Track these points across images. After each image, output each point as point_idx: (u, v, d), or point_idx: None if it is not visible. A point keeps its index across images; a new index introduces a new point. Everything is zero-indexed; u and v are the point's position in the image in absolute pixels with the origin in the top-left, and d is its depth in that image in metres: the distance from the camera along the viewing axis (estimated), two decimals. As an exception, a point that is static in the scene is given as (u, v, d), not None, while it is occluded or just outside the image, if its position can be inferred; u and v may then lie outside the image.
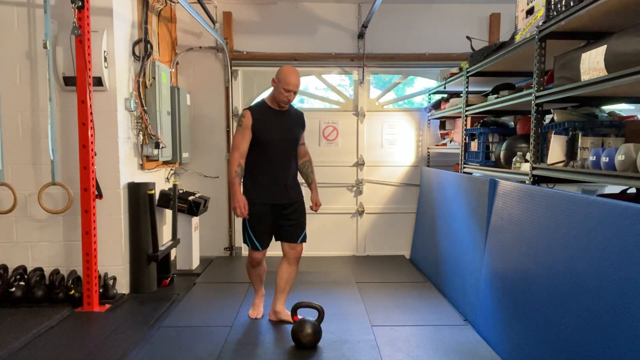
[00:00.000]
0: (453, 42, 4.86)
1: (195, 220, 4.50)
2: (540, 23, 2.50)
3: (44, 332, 2.96)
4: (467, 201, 3.45)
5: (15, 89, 3.53)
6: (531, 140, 2.65)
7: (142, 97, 3.86)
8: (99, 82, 3.45)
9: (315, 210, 3.21)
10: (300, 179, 3.17)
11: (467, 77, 3.75)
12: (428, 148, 5.13)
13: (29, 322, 3.03)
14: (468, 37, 4.09)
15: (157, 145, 3.97)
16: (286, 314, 3.11)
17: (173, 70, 4.73)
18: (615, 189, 2.75)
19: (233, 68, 4.95)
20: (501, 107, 3.24)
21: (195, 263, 4.56)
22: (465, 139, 3.87)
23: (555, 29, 2.39)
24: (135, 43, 3.85)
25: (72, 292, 3.40)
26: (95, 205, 3.37)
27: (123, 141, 3.68)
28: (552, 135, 2.54)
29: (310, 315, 2.92)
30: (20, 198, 3.49)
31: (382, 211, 5.19)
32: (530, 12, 2.67)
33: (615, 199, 1.86)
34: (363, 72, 5.00)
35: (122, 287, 3.69)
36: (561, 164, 2.45)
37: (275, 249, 3.28)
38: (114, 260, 3.65)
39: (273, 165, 2.98)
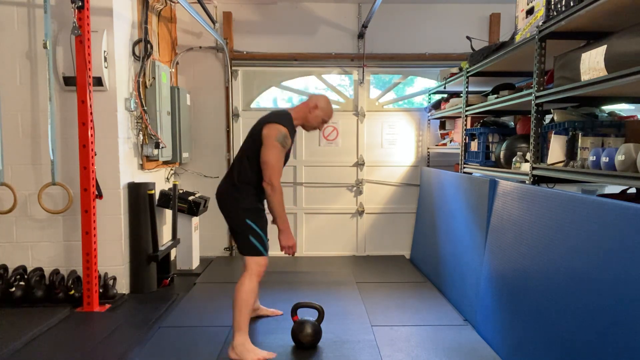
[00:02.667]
0: (453, 42, 4.87)
1: (195, 220, 4.50)
2: (540, 23, 2.50)
3: (44, 332, 2.96)
4: (467, 201, 3.45)
5: (15, 89, 3.53)
6: (531, 140, 2.65)
7: (142, 97, 3.86)
8: (99, 82, 3.45)
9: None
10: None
11: (467, 77, 3.75)
12: (428, 148, 5.13)
13: (29, 322, 3.03)
14: (468, 37, 4.10)
15: (157, 145, 3.97)
16: (266, 309, 3.27)
17: (173, 70, 4.73)
18: (615, 189, 2.75)
19: (233, 68, 4.95)
20: (501, 107, 3.24)
21: (195, 263, 4.56)
22: (465, 139, 3.87)
23: (555, 29, 2.39)
24: (135, 43, 3.85)
25: (72, 292, 3.40)
26: (95, 205, 3.37)
27: (123, 141, 3.68)
28: (552, 135, 2.54)
29: (310, 315, 2.92)
30: (20, 198, 3.49)
31: (382, 211, 5.19)
32: (530, 12, 2.67)
33: (615, 199, 1.86)
34: (363, 72, 5.00)
35: (122, 287, 3.69)
36: (561, 164, 2.45)
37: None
38: (114, 260, 3.65)
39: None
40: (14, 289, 3.35)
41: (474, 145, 3.71)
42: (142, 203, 3.76)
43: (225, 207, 2.72)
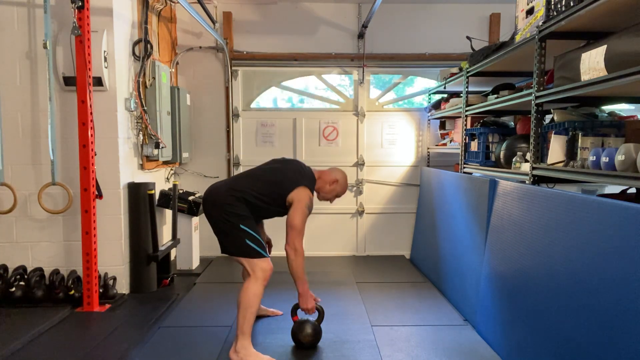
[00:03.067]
0: (453, 42, 4.87)
1: (195, 220, 4.50)
2: (540, 23, 2.50)
3: (44, 332, 2.96)
4: (467, 201, 3.45)
5: (15, 89, 3.53)
6: (531, 140, 2.65)
7: (142, 97, 3.86)
8: (99, 82, 3.45)
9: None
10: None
11: (467, 77, 3.75)
12: (428, 148, 5.13)
13: (29, 322, 3.03)
14: (468, 37, 4.10)
15: (157, 145, 3.97)
16: (266, 308, 3.31)
17: (173, 70, 4.73)
18: (615, 189, 2.75)
19: (233, 68, 4.95)
20: (501, 107, 3.24)
21: (195, 263, 4.56)
22: (465, 139, 3.87)
23: (555, 29, 2.39)
24: (135, 43, 3.85)
25: (72, 292, 3.40)
26: (95, 205, 3.37)
27: (123, 141, 3.68)
28: (552, 135, 2.54)
29: (310, 315, 2.92)
30: (20, 198, 3.49)
31: (382, 211, 5.19)
32: (530, 12, 2.67)
33: (615, 199, 1.86)
34: (363, 72, 5.00)
35: (122, 287, 3.69)
36: (561, 164, 2.45)
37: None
38: (114, 260, 3.65)
39: (267, 216, 2.90)
40: (14, 289, 3.35)
41: (474, 145, 3.71)
42: (142, 203, 3.76)
43: (215, 209, 2.64)
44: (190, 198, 4.31)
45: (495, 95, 3.28)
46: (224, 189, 2.68)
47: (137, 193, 3.75)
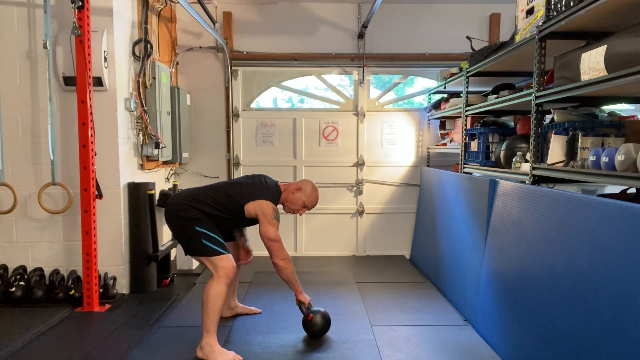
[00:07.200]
0: (453, 42, 4.87)
1: (195, 220, 4.49)
2: (540, 23, 2.50)
3: (44, 332, 2.96)
4: (467, 201, 3.45)
5: (15, 89, 3.53)
6: (531, 140, 2.65)
7: (142, 97, 3.86)
8: (99, 82, 3.45)
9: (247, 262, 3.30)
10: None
11: (467, 77, 3.75)
12: (428, 148, 5.13)
13: (29, 322, 3.03)
14: (468, 37, 4.10)
15: (157, 145, 3.97)
16: (243, 307, 3.32)
17: (173, 70, 4.73)
18: (615, 189, 2.75)
19: (233, 68, 4.95)
20: (501, 107, 3.24)
21: (195, 263, 4.56)
22: (465, 139, 3.87)
23: (555, 29, 2.39)
24: (135, 43, 3.85)
25: (72, 292, 3.40)
26: (95, 205, 3.37)
27: (123, 141, 3.68)
28: (552, 135, 2.54)
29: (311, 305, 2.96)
30: (20, 198, 3.49)
31: (382, 211, 5.19)
32: (530, 12, 2.67)
33: (615, 199, 1.86)
34: (363, 72, 5.00)
35: (122, 287, 3.69)
36: (561, 164, 2.45)
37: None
38: (114, 260, 3.65)
39: (228, 226, 2.93)
40: (14, 289, 3.35)
41: (474, 145, 3.71)
42: (142, 203, 3.76)
43: (170, 216, 2.71)
44: (190, 198, 4.31)
45: (495, 95, 3.28)
46: (182, 198, 2.72)
47: (137, 193, 3.75)
